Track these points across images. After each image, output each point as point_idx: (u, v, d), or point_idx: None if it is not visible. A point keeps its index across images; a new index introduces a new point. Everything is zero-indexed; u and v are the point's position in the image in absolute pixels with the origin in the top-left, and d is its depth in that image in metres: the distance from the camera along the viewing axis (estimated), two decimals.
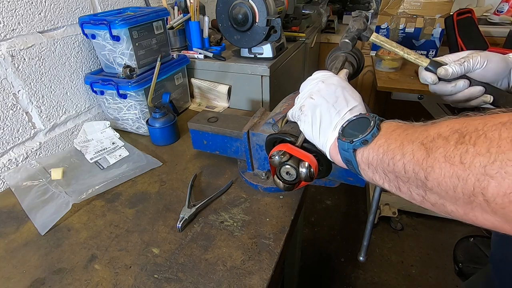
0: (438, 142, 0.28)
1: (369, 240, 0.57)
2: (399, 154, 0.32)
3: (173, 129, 0.89)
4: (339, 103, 0.42)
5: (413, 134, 0.32)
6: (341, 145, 0.39)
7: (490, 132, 0.25)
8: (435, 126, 0.30)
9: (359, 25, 0.61)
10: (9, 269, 0.55)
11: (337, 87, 0.44)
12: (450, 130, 0.28)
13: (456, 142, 0.27)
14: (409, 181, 0.31)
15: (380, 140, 0.35)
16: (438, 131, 0.29)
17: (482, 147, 0.24)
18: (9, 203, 0.70)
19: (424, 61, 0.58)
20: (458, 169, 0.26)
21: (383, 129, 0.36)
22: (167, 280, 0.52)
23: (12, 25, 0.72)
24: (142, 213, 0.66)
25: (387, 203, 1.72)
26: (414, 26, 1.51)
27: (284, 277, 1.14)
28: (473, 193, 0.25)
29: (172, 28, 1.12)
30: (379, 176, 0.35)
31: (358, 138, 0.36)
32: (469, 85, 0.55)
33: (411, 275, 1.52)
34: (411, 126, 0.34)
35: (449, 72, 0.54)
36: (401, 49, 0.60)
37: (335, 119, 0.41)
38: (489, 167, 0.24)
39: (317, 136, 0.43)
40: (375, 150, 0.35)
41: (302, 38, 1.35)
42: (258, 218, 0.63)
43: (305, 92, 0.46)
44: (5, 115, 0.74)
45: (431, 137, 0.29)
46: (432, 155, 0.28)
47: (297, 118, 0.46)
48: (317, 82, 0.45)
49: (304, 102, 0.44)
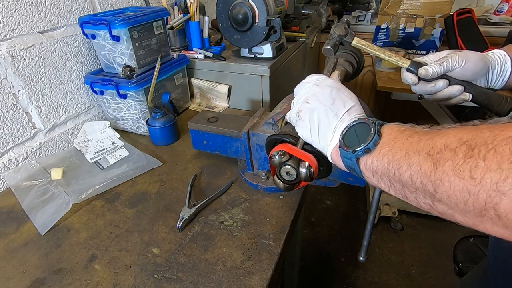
0: (445, 154, 0.28)
1: (369, 240, 0.57)
2: (405, 164, 0.31)
3: (173, 129, 0.89)
4: (336, 105, 0.42)
5: (418, 143, 0.31)
6: (343, 154, 0.38)
7: (501, 146, 0.24)
8: (441, 135, 0.30)
9: (340, 31, 0.62)
10: (9, 269, 0.55)
11: (332, 89, 0.43)
12: (458, 141, 0.27)
13: (464, 155, 0.26)
14: (416, 191, 0.31)
15: (384, 148, 0.34)
16: (445, 142, 0.28)
17: (493, 162, 0.24)
18: (9, 203, 0.70)
19: (405, 62, 0.59)
20: (468, 184, 0.25)
21: (385, 135, 0.36)
22: (167, 280, 0.52)
23: (12, 25, 0.72)
24: (142, 213, 0.66)
25: (387, 203, 1.72)
26: (414, 26, 1.51)
27: (284, 277, 1.14)
28: (484, 208, 0.25)
29: (172, 28, 1.12)
30: (385, 184, 0.35)
31: (360, 148, 0.36)
32: (449, 85, 0.56)
33: (411, 275, 1.52)
34: (414, 131, 0.34)
35: (429, 72, 0.55)
36: (382, 51, 0.61)
37: (333, 121, 0.41)
38: (501, 184, 0.23)
39: (316, 140, 0.43)
40: (379, 159, 0.34)
41: (302, 38, 1.35)
42: (258, 218, 0.63)
43: (300, 96, 0.46)
44: (5, 115, 0.74)
45: (437, 148, 0.29)
46: (440, 167, 0.28)
47: (295, 123, 0.46)
48: (312, 86, 0.45)
49: (300, 107, 0.44)
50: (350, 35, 0.62)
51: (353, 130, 0.39)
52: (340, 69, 0.58)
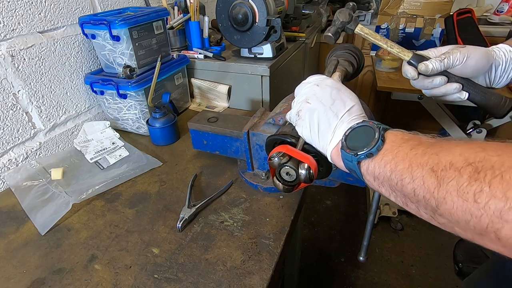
0: (450, 173, 0.27)
1: (369, 240, 0.57)
2: (408, 177, 0.31)
3: (173, 129, 0.89)
4: (336, 105, 0.41)
5: (422, 156, 0.31)
6: (344, 156, 0.38)
7: (507, 173, 0.24)
8: (447, 151, 0.29)
9: (344, 17, 0.60)
10: (9, 269, 0.55)
11: (333, 89, 0.43)
12: (464, 161, 0.27)
13: (469, 177, 0.26)
14: (418, 203, 0.31)
15: (387, 156, 0.34)
16: (450, 160, 0.28)
17: (498, 189, 0.24)
18: (9, 203, 0.70)
19: (406, 54, 0.58)
20: (471, 207, 0.25)
21: (388, 142, 0.35)
22: (167, 280, 0.52)
23: (12, 25, 0.72)
24: (142, 213, 0.66)
25: (387, 203, 1.72)
26: (414, 26, 1.51)
27: (284, 277, 1.14)
28: (485, 230, 0.25)
29: (172, 28, 1.12)
30: (386, 190, 0.35)
31: (362, 152, 0.35)
32: (447, 82, 0.56)
33: (411, 275, 1.51)
34: (418, 142, 0.33)
35: (429, 68, 0.54)
36: (384, 42, 0.60)
37: (333, 121, 0.41)
38: (505, 212, 0.23)
39: (316, 140, 0.43)
40: (382, 166, 0.34)
41: (302, 38, 1.35)
42: (258, 218, 0.63)
43: (301, 96, 0.46)
44: (5, 115, 0.74)
45: (442, 165, 0.28)
46: (443, 186, 0.28)
47: (295, 123, 0.46)
48: (312, 86, 0.45)
49: (300, 107, 0.44)
50: (354, 22, 0.60)
51: (356, 132, 0.38)
52: (340, 70, 0.58)
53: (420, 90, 0.61)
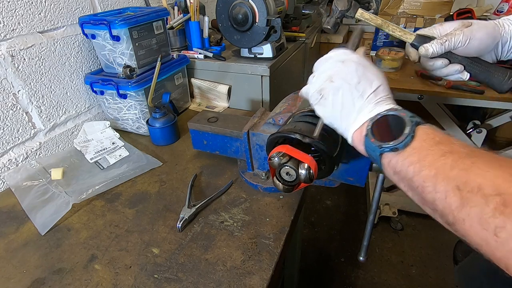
0: (476, 198, 0.26)
1: (369, 240, 0.57)
2: (431, 186, 0.30)
3: (173, 129, 0.89)
4: (361, 84, 0.39)
5: (451, 169, 0.29)
6: (367, 144, 0.36)
7: None
8: (478, 171, 0.27)
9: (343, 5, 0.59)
10: (9, 269, 0.55)
11: (358, 66, 0.40)
12: (494, 189, 0.26)
13: (495, 208, 0.25)
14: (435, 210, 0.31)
15: (413, 156, 0.32)
16: (479, 183, 0.27)
17: None
18: (9, 203, 0.70)
19: (409, 37, 0.58)
20: (489, 238, 0.25)
21: (418, 140, 0.33)
22: (167, 280, 0.52)
23: (12, 25, 0.72)
24: (142, 213, 0.66)
25: (387, 203, 1.72)
26: (414, 26, 1.51)
27: (284, 277, 1.14)
28: (497, 259, 0.25)
29: (172, 28, 1.12)
30: (404, 185, 0.34)
31: (388, 145, 0.34)
32: (449, 63, 0.55)
33: (411, 275, 1.51)
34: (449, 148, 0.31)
35: (429, 52, 0.54)
36: (386, 26, 0.59)
37: (358, 102, 0.38)
38: None
39: (338, 121, 0.41)
40: (405, 166, 0.33)
41: (302, 38, 1.35)
42: (258, 218, 0.63)
43: (322, 72, 0.42)
44: (5, 115, 0.74)
45: (470, 186, 0.27)
46: (466, 208, 0.27)
47: (316, 102, 0.42)
48: (335, 62, 0.42)
49: (323, 85, 0.41)
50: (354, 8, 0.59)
51: (385, 120, 0.36)
52: None
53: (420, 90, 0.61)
